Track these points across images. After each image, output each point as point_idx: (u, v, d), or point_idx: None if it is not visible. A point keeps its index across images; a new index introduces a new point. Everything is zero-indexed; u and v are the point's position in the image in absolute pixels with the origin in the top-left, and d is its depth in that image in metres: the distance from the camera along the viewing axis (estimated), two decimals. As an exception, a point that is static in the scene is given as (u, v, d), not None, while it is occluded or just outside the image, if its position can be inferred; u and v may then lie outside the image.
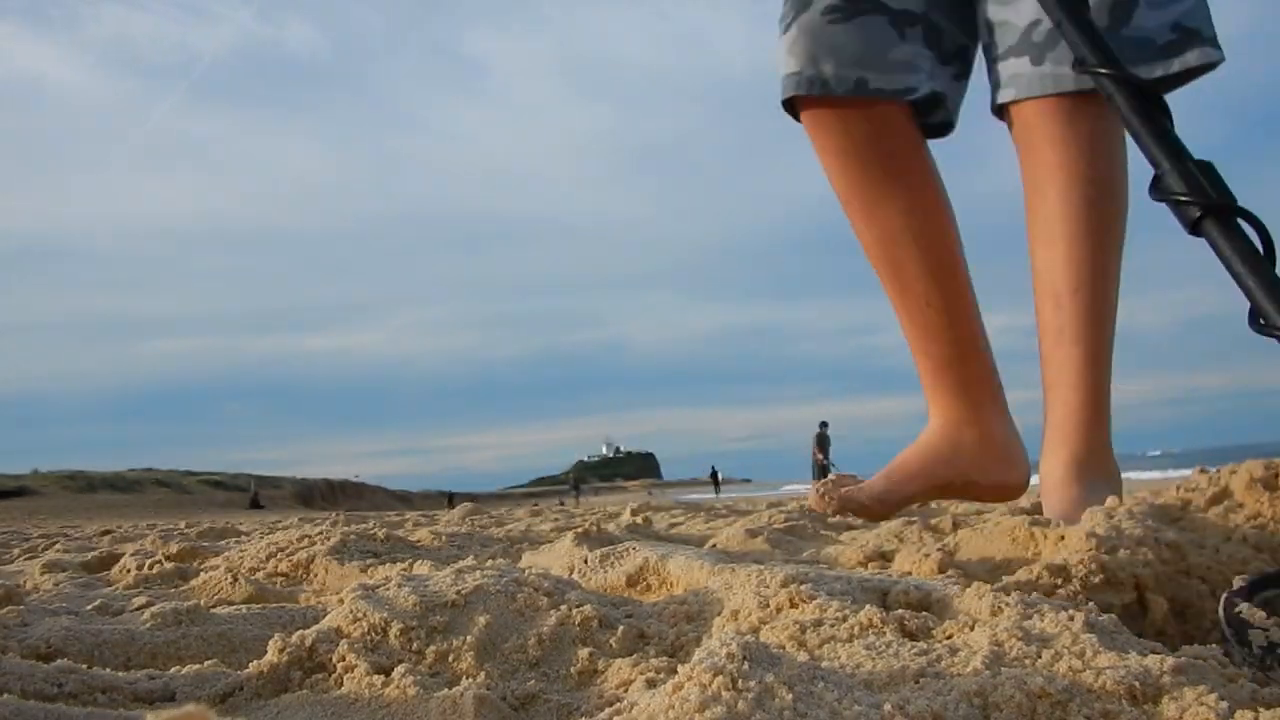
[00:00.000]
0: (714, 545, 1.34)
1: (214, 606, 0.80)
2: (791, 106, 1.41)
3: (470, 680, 0.54)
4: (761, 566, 0.70)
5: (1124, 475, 1.39)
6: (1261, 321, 0.69)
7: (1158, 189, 0.78)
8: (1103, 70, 0.82)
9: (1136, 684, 0.44)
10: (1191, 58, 1.30)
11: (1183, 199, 0.75)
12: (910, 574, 0.84)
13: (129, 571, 1.34)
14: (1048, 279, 1.37)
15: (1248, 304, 0.71)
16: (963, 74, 1.47)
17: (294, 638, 0.58)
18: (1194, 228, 0.74)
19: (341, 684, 0.55)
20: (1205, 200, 0.73)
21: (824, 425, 16.73)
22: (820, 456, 16.27)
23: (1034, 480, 1.50)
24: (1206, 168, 0.76)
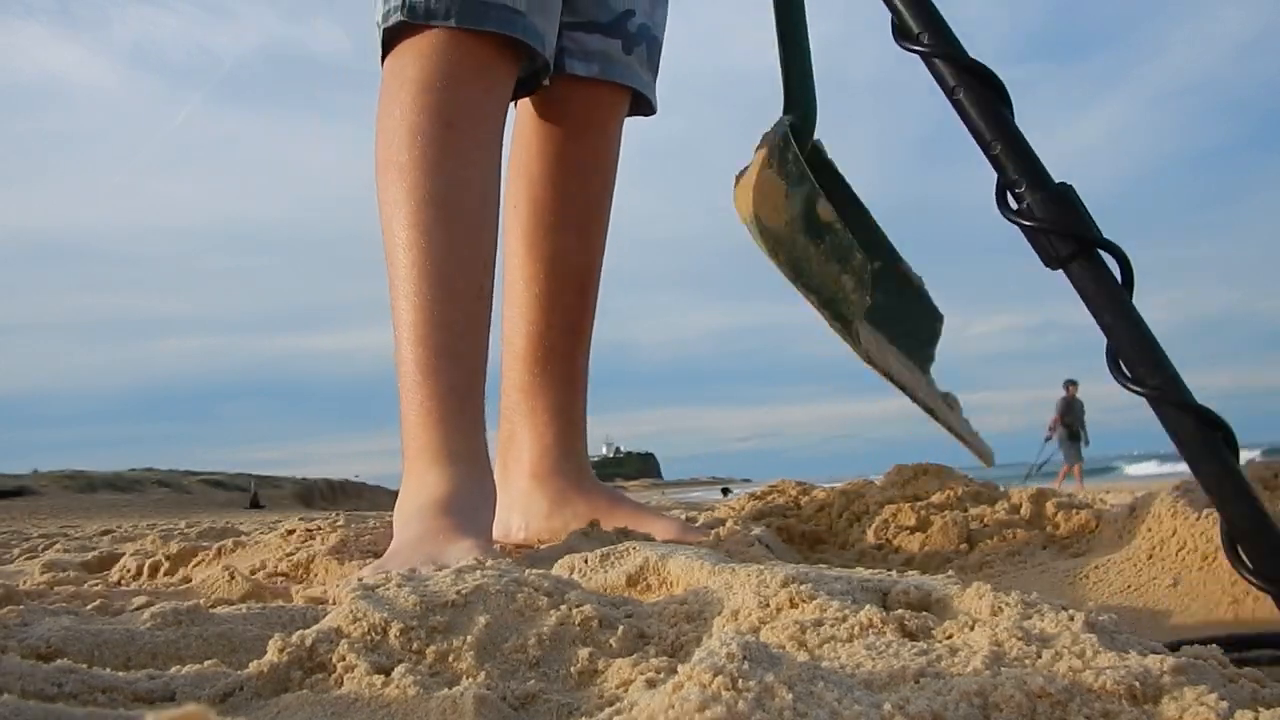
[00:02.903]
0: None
1: (214, 606, 0.80)
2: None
3: (470, 680, 0.55)
4: (761, 567, 0.70)
5: (1124, 477, 1.41)
6: (1125, 373, 0.66)
7: (1013, 210, 0.70)
8: (939, 54, 0.72)
9: (1136, 684, 0.43)
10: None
11: (1050, 231, 0.68)
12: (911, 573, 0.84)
13: (129, 571, 1.34)
14: (576, 263, 1.40)
15: (1106, 343, 0.67)
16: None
17: (294, 638, 0.58)
18: (1061, 264, 0.69)
19: (341, 684, 0.55)
20: (1076, 234, 0.67)
21: (1072, 385, 11.66)
22: (1064, 425, 11.48)
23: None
24: (1067, 191, 0.69)
